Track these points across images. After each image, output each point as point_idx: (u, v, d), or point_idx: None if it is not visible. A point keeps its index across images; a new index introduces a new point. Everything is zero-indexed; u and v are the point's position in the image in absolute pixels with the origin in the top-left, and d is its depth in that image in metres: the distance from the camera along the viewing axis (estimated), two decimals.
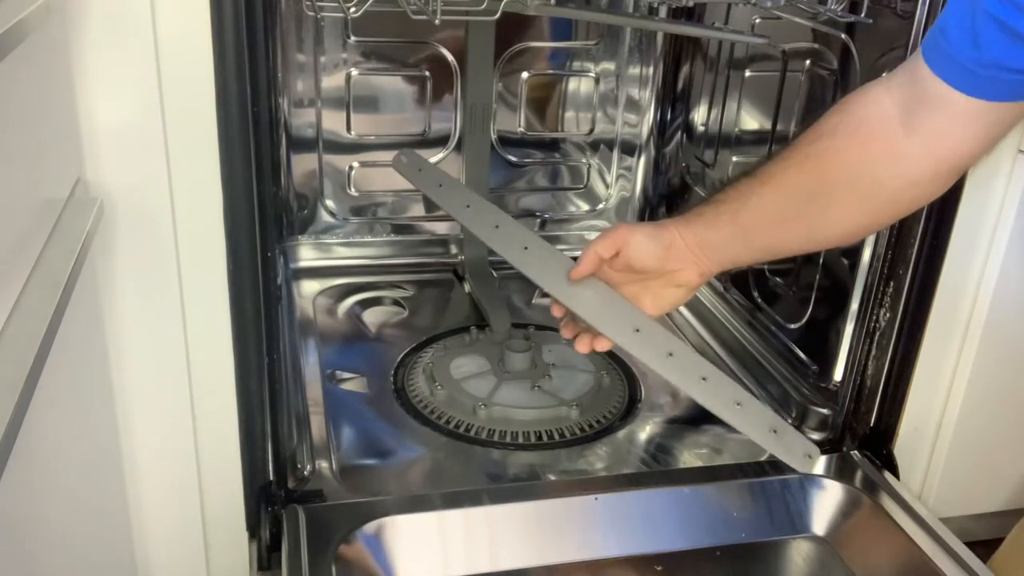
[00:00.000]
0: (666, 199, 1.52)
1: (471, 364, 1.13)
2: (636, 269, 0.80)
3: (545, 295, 0.86)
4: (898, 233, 0.91)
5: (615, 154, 1.49)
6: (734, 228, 0.77)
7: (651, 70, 1.45)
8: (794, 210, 0.75)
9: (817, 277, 1.11)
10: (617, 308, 0.80)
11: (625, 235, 0.79)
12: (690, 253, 0.79)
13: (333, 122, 1.34)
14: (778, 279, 1.20)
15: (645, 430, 1.07)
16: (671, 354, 0.78)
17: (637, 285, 0.81)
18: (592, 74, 1.43)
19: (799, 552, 0.90)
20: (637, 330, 0.79)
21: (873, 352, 0.95)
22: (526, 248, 0.84)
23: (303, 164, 1.36)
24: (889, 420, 0.98)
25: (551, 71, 1.42)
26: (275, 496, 0.87)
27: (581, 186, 1.50)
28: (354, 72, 1.32)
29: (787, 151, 0.75)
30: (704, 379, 0.78)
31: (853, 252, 1.02)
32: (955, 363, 0.96)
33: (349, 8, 0.92)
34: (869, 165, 0.70)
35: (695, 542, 0.89)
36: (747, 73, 1.28)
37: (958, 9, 0.63)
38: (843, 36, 1.04)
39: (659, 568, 0.87)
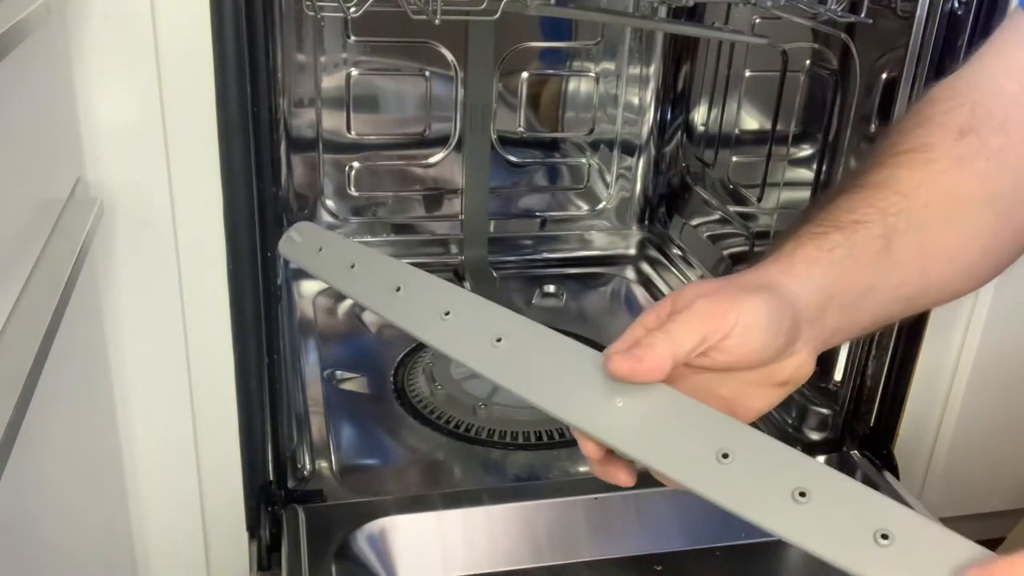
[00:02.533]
0: (666, 199, 1.52)
1: None
2: (732, 366, 0.48)
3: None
4: None
5: (615, 154, 1.49)
6: (888, 263, 0.51)
7: (651, 70, 1.45)
8: (968, 228, 0.53)
9: None
10: (693, 423, 0.46)
11: (727, 312, 0.46)
12: (814, 322, 0.49)
13: (333, 122, 1.34)
14: None
15: None
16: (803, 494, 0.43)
17: (706, 377, 0.49)
18: (592, 74, 1.43)
19: (799, 552, 0.90)
20: (725, 456, 0.45)
21: (873, 352, 0.95)
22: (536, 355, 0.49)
23: (303, 164, 1.36)
24: (889, 420, 0.97)
25: (551, 71, 1.42)
26: (275, 496, 0.87)
27: (581, 186, 1.49)
28: (354, 72, 1.32)
29: (919, 155, 0.54)
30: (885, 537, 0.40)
31: None
32: (955, 363, 0.96)
33: (349, 8, 0.92)
34: None
35: (695, 542, 0.89)
36: (747, 73, 1.28)
37: None
38: (843, 36, 1.04)
39: (659, 568, 0.87)
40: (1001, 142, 0.54)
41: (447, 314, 0.52)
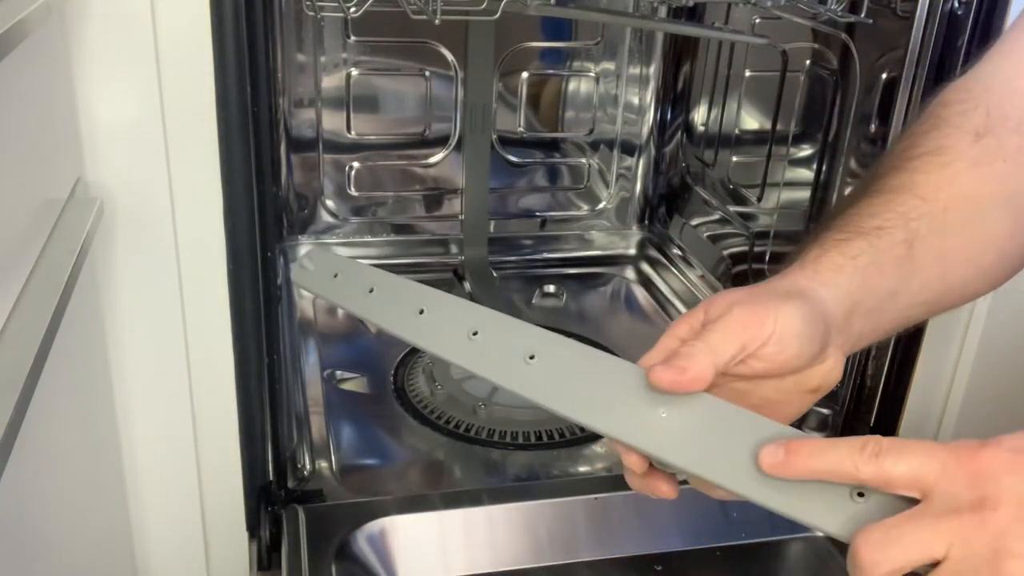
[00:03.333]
0: (666, 199, 1.52)
1: None
2: (768, 373, 0.49)
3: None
4: None
5: (615, 154, 1.49)
6: (910, 268, 0.51)
7: (651, 70, 1.45)
8: (986, 230, 0.54)
9: None
10: (733, 428, 0.46)
11: (764, 320, 0.47)
12: (842, 328, 0.50)
13: (333, 122, 1.34)
14: None
15: None
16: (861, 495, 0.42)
17: (739, 385, 0.50)
18: (592, 74, 1.43)
19: (799, 552, 0.90)
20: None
21: (873, 352, 0.95)
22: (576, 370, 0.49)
23: (303, 164, 1.36)
24: (889, 420, 0.97)
25: (551, 71, 1.42)
26: (275, 496, 0.87)
27: (581, 186, 1.49)
28: (354, 72, 1.32)
29: (936, 159, 0.54)
30: None
31: None
32: (955, 363, 0.96)
33: (349, 8, 0.92)
34: None
35: (695, 542, 0.89)
36: (747, 73, 1.28)
37: None
38: (843, 36, 1.04)
39: (659, 568, 0.87)
40: (1018, 143, 0.55)
41: (475, 334, 0.51)
